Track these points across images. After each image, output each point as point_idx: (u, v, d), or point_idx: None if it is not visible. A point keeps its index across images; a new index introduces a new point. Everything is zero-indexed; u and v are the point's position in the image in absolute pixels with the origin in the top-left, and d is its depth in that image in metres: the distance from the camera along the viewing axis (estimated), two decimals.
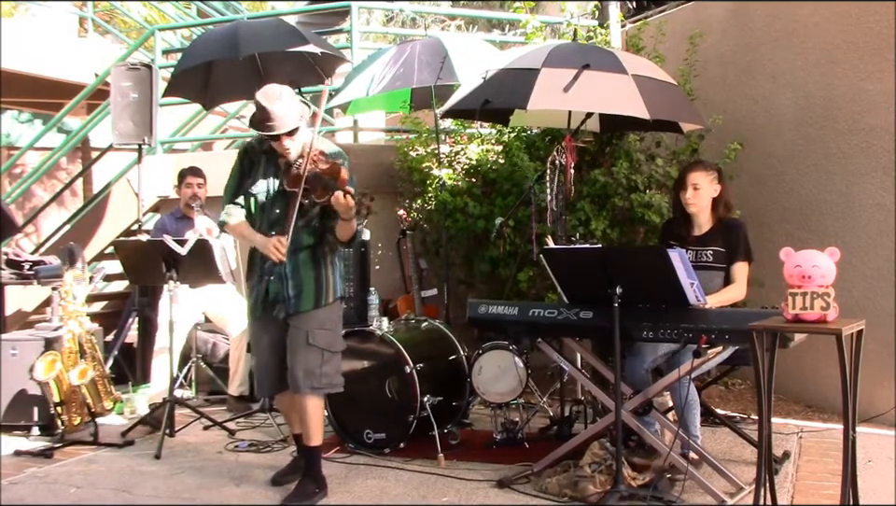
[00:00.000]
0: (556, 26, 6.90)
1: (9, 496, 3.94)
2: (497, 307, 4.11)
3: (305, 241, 3.78)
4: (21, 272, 6.26)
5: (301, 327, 3.75)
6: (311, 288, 3.77)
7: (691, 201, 4.13)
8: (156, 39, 7.72)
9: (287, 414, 4.19)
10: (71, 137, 8.53)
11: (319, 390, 3.77)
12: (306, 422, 3.81)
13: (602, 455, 3.76)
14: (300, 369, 3.73)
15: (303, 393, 3.75)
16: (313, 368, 3.73)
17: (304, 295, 3.76)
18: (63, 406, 4.82)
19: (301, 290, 3.75)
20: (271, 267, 3.76)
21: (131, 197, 6.96)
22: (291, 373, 3.75)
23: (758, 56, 5.59)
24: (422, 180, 5.95)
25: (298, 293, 3.75)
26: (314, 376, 3.73)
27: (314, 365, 3.73)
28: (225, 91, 5.90)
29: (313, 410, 3.79)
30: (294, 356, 3.75)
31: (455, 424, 4.64)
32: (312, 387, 3.74)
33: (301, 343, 3.73)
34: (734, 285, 4.05)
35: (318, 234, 3.81)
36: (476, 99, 4.22)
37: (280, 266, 3.73)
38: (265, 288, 3.79)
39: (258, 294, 3.83)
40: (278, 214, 3.76)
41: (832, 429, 4.67)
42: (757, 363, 3.07)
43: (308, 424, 3.81)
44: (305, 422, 3.81)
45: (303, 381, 3.72)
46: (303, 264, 3.77)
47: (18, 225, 6.80)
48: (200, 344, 5.91)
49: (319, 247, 3.80)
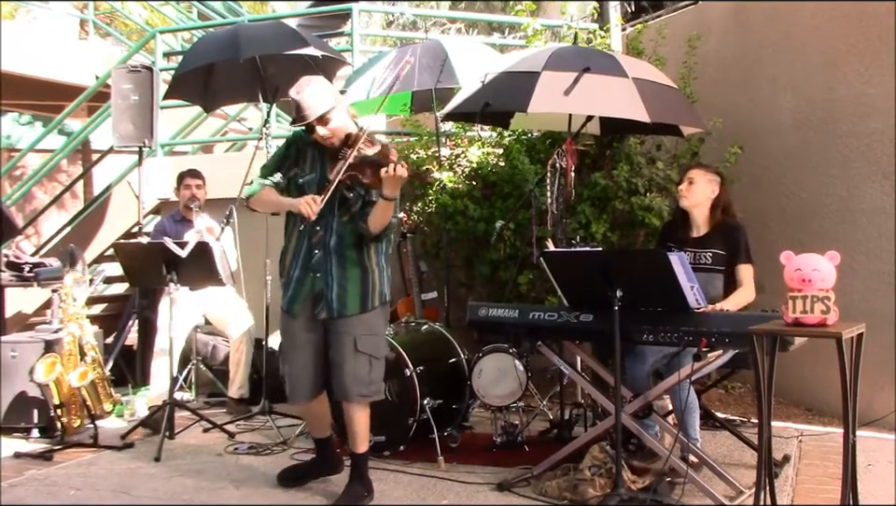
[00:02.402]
0: (557, 29, 6.90)
1: (9, 498, 3.93)
2: (497, 310, 4.11)
3: (351, 236, 3.64)
4: (22, 274, 6.27)
5: (348, 332, 3.64)
6: (356, 290, 3.65)
7: (683, 193, 4.16)
8: (157, 42, 7.74)
9: (310, 418, 4.04)
10: (71, 140, 8.54)
11: (368, 398, 3.70)
12: (354, 429, 3.72)
13: (602, 458, 3.76)
14: (348, 377, 3.64)
15: (354, 401, 3.67)
16: (362, 375, 3.64)
17: (350, 297, 3.64)
18: (62, 408, 4.82)
19: (347, 291, 3.64)
20: (317, 263, 3.65)
21: (131, 199, 6.97)
22: (339, 381, 3.66)
23: (758, 59, 5.59)
24: (422, 183, 5.95)
25: (343, 294, 3.63)
26: (363, 384, 3.65)
27: (362, 372, 3.64)
28: (225, 93, 5.91)
29: (360, 417, 3.72)
30: (341, 363, 3.65)
31: (454, 427, 4.63)
32: (361, 395, 3.67)
33: (350, 349, 3.62)
34: (743, 288, 4.04)
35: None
36: (477, 102, 4.23)
37: (328, 263, 3.63)
38: (309, 286, 3.69)
39: (297, 291, 3.70)
40: (323, 207, 3.59)
41: (832, 433, 4.67)
42: (757, 367, 3.06)
43: (356, 431, 3.72)
44: (353, 429, 3.72)
45: (353, 389, 3.64)
46: (349, 264, 3.65)
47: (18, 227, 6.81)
48: (200, 346, 5.90)
49: (366, 244, 3.67)
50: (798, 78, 5.30)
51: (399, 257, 5.97)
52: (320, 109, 3.56)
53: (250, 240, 5.70)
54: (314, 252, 3.67)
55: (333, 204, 3.62)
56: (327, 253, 3.65)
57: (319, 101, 3.57)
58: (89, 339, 5.08)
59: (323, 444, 4.04)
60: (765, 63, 5.54)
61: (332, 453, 4.06)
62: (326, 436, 4.02)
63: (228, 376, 5.63)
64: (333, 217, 3.65)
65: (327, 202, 3.54)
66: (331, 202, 3.60)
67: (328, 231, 3.65)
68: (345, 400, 3.69)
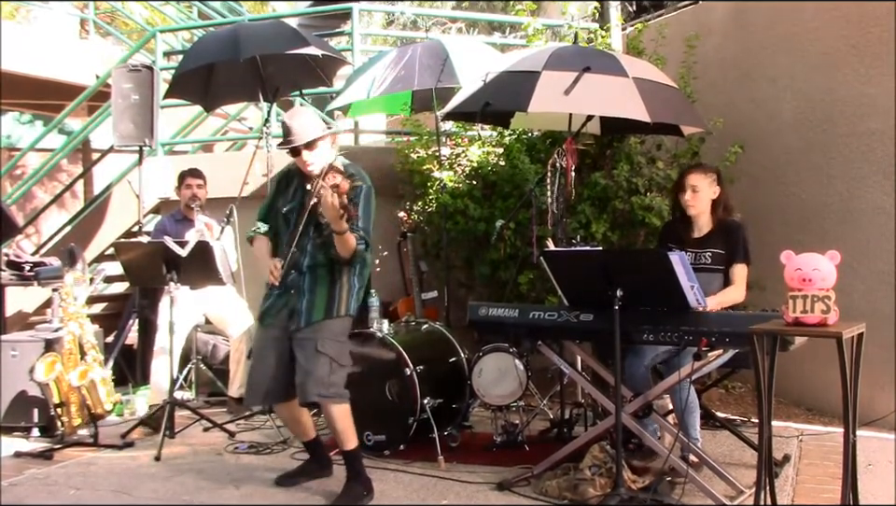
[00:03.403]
0: (557, 29, 6.89)
1: (9, 497, 3.93)
2: (497, 310, 4.11)
3: (321, 258, 3.82)
4: (22, 273, 6.26)
5: (311, 337, 3.75)
6: (323, 300, 3.80)
7: (690, 203, 4.14)
8: (157, 41, 7.73)
9: (289, 425, 4.20)
10: (72, 139, 8.54)
11: (327, 399, 3.75)
12: (334, 429, 3.80)
13: (602, 457, 3.76)
14: (307, 376, 3.72)
15: (312, 400, 3.75)
16: (321, 376, 3.72)
17: (317, 306, 3.79)
18: (63, 408, 4.82)
19: (314, 302, 3.79)
20: (292, 282, 3.81)
21: (131, 199, 6.97)
22: (299, 382, 3.75)
23: (759, 59, 5.59)
24: (423, 182, 5.95)
25: (311, 306, 3.79)
26: (322, 384, 3.72)
27: (322, 373, 3.72)
28: (226, 93, 5.91)
29: (337, 416, 3.77)
30: (302, 363, 3.75)
31: (455, 426, 4.64)
32: (320, 395, 3.73)
33: (311, 351, 3.73)
34: (732, 287, 4.05)
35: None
36: (477, 101, 4.22)
37: (302, 281, 3.80)
38: (284, 301, 3.84)
39: (273, 304, 3.87)
40: (300, 231, 3.80)
41: (832, 433, 4.67)
42: (757, 366, 3.07)
43: (336, 430, 3.80)
44: (334, 428, 3.81)
45: (311, 389, 3.71)
46: (320, 280, 3.82)
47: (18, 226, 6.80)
48: (200, 345, 5.90)
49: (336, 265, 3.82)
50: (798, 79, 5.30)
51: (399, 257, 5.98)
52: (308, 135, 3.77)
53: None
54: (290, 272, 3.84)
55: (309, 228, 3.82)
56: (301, 273, 3.84)
57: (310, 128, 3.79)
58: (89, 338, 5.08)
59: (311, 447, 4.17)
60: (766, 63, 5.54)
61: (321, 454, 4.17)
62: (311, 438, 4.14)
63: (228, 375, 5.63)
64: (309, 241, 3.84)
65: (303, 226, 3.76)
66: (307, 226, 3.80)
67: (303, 254, 3.84)
68: (303, 399, 3.78)
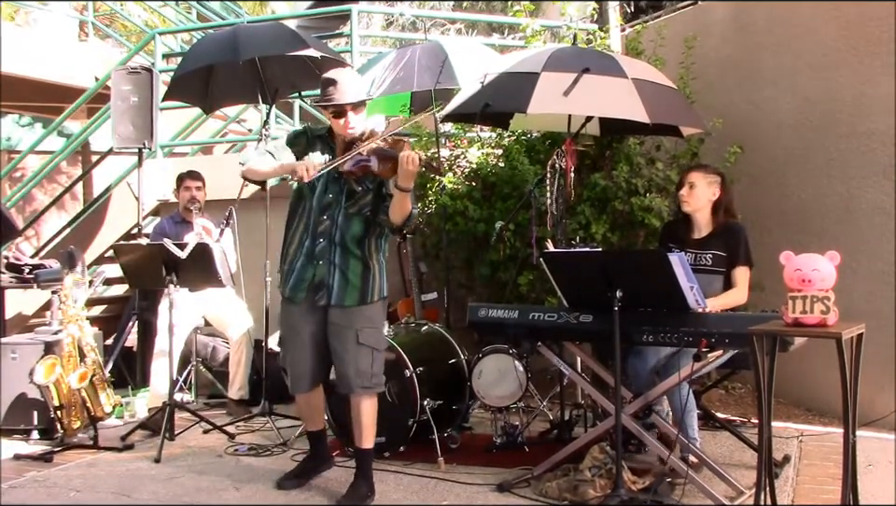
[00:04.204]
0: (556, 30, 6.90)
1: (9, 499, 3.93)
2: (497, 311, 4.11)
3: (355, 229, 3.68)
4: (21, 275, 6.25)
5: (349, 325, 3.67)
6: (357, 282, 3.69)
7: (685, 199, 4.17)
8: (156, 43, 7.73)
9: (303, 410, 4.09)
10: (71, 141, 8.55)
11: (370, 390, 3.73)
12: (360, 422, 3.74)
13: (602, 458, 3.76)
14: (351, 369, 3.68)
15: (357, 393, 3.71)
16: (364, 368, 3.68)
17: (350, 288, 3.68)
18: (62, 410, 4.81)
19: (348, 281, 3.67)
20: (321, 252, 3.68)
21: (131, 201, 6.97)
22: (343, 374, 3.71)
23: (758, 60, 5.59)
24: (422, 184, 5.95)
25: (344, 283, 3.66)
26: (365, 376, 3.68)
27: (365, 365, 3.68)
28: (225, 94, 5.90)
29: (367, 410, 3.74)
30: (344, 356, 3.69)
31: (454, 427, 4.63)
32: (364, 387, 3.70)
33: (352, 342, 3.66)
34: (735, 289, 4.05)
35: (369, 224, 3.72)
36: (476, 103, 4.22)
37: (332, 253, 3.65)
38: (311, 273, 3.70)
39: (300, 278, 3.72)
40: (330, 198, 3.68)
41: (832, 433, 4.67)
42: (757, 367, 3.07)
43: (362, 424, 3.75)
44: (360, 422, 3.74)
45: (355, 381, 3.68)
46: (352, 255, 3.68)
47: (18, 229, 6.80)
48: (199, 347, 5.90)
49: (368, 239, 3.71)
50: (798, 79, 5.30)
51: (398, 258, 5.97)
52: (359, 95, 3.61)
53: (250, 241, 5.70)
54: (318, 241, 3.70)
55: (340, 197, 3.67)
56: (331, 243, 3.69)
57: (360, 88, 3.64)
58: (88, 340, 5.08)
59: (316, 438, 4.11)
60: (765, 63, 5.54)
61: (325, 446, 4.15)
62: (319, 429, 4.10)
63: (228, 377, 5.62)
64: (339, 210, 3.69)
65: (337, 194, 3.58)
66: (338, 193, 3.64)
67: (333, 223, 3.68)
68: (350, 392, 3.73)
